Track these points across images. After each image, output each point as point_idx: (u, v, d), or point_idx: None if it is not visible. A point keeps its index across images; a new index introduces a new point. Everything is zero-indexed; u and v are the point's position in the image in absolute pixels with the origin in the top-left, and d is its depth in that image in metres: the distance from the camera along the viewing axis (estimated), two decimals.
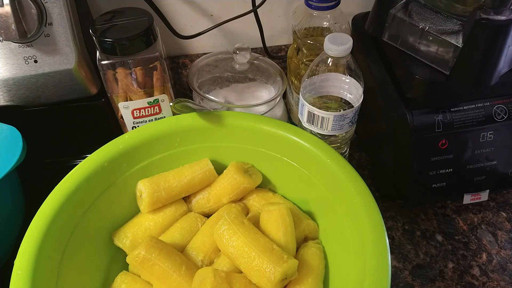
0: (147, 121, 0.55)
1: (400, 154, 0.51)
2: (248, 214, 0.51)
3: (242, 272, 0.43)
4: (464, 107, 0.49)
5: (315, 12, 0.53)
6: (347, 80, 0.48)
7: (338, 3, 0.52)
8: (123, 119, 0.55)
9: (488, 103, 0.50)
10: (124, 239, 0.49)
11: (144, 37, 0.49)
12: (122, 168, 0.49)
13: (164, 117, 0.55)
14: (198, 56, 0.72)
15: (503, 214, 0.57)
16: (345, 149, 0.56)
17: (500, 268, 0.52)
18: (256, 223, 0.47)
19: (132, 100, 0.53)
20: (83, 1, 0.60)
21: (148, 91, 0.53)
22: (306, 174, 0.49)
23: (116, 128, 0.58)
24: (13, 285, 0.37)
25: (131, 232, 0.49)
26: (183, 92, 0.75)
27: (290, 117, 0.66)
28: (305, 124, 0.51)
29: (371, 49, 0.56)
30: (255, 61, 0.64)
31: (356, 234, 0.41)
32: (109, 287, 0.46)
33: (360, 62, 0.50)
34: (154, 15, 0.53)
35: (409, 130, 0.48)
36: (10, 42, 0.49)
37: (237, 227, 0.43)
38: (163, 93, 0.53)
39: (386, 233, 0.40)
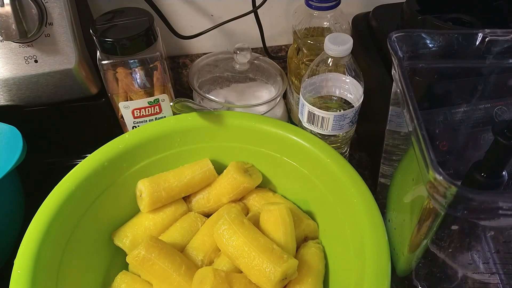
0: (147, 121, 0.55)
1: None
2: (248, 214, 0.51)
3: (242, 272, 0.43)
4: (465, 108, 0.49)
5: (316, 12, 0.53)
6: (347, 80, 0.48)
7: (338, 3, 0.52)
8: (123, 119, 0.55)
9: (489, 105, 0.50)
10: (124, 239, 0.49)
11: (145, 37, 0.49)
12: (122, 168, 0.49)
13: (164, 117, 0.55)
14: (198, 56, 0.72)
15: None
16: (345, 149, 0.56)
17: None
18: (256, 223, 0.47)
19: (133, 100, 0.53)
20: (83, 1, 0.60)
21: (148, 91, 0.53)
22: (306, 174, 0.49)
23: (116, 128, 0.57)
24: (13, 285, 0.38)
25: (131, 232, 0.49)
26: (183, 92, 0.75)
27: (290, 117, 0.66)
28: (305, 124, 0.51)
29: (371, 49, 0.56)
30: (255, 61, 0.64)
31: (356, 234, 0.41)
32: (109, 287, 0.46)
33: (360, 62, 0.50)
34: (154, 15, 0.53)
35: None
36: (10, 42, 0.49)
37: (237, 227, 0.43)
38: (164, 93, 0.53)
39: (386, 233, 0.40)
